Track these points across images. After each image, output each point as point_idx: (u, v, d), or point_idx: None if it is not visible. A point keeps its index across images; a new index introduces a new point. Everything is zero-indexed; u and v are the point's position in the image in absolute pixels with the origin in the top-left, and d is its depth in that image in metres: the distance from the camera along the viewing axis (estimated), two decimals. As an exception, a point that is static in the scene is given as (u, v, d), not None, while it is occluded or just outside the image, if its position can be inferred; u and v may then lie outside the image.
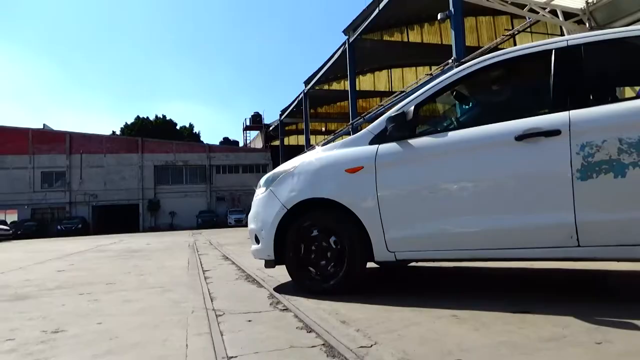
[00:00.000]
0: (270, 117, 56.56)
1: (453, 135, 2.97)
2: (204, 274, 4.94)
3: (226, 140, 62.69)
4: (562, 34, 8.02)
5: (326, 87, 33.12)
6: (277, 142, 43.88)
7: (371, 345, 2.02)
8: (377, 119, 3.41)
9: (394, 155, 3.06)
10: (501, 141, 2.75)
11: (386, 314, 2.58)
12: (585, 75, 2.77)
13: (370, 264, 3.28)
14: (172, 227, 38.88)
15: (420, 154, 2.99)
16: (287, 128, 43.38)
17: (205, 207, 42.15)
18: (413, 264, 4.53)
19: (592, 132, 2.52)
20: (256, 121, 50.85)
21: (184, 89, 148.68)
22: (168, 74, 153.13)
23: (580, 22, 7.57)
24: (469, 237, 2.82)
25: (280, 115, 40.25)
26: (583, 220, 2.51)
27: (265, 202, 3.50)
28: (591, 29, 7.33)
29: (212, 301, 3.26)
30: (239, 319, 2.65)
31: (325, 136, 35.12)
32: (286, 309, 2.84)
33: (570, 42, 2.83)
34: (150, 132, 51.24)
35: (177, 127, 60.30)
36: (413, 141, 3.03)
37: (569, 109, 2.63)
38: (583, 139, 2.53)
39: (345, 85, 28.21)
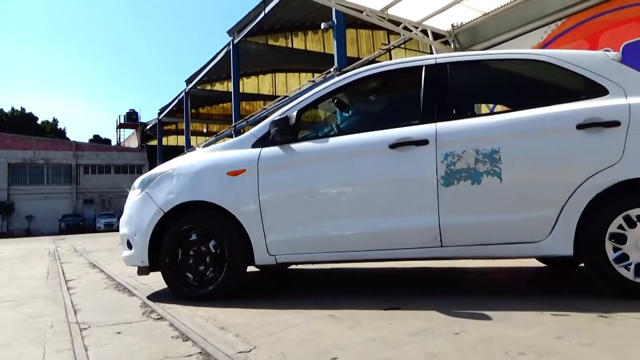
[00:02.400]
0: (148, 115, 53.60)
1: (333, 141, 3.09)
2: (66, 284, 4.48)
3: (97, 138, 58.00)
4: (431, 52, 8.78)
5: (209, 87, 32.28)
6: (154, 142, 41.53)
7: (250, 350, 2.00)
8: (260, 122, 3.41)
9: (276, 159, 3.08)
10: (377, 148, 2.93)
11: (265, 317, 2.58)
12: (450, 91, 3.05)
13: (250, 268, 3.25)
14: (29, 233, 34.72)
15: (301, 158, 3.05)
16: (165, 128, 41.30)
17: (70, 210, 38.37)
18: (293, 266, 4.60)
19: (454, 143, 2.80)
20: (131, 119, 47.64)
21: (48, 78, 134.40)
22: (28, 60, 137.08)
23: (446, 43, 8.34)
24: (347, 239, 2.95)
25: (159, 114, 38.23)
26: (445, 223, 2.77)
27: (140, 205, 3.29)
28: (455, 49, 8.12)
29: (75, 314, 2.97)
30: (107, 332, 2.45)
31: (207, 138, 34.16)
32: (160, 318, 2.70)
33: (438, 60, 3.12)
34: (5, 125, 45.23)
35: (39, 122, 54.12)
36: (295, 146, 3.09)
37: (436, 121, 2.89)
38: (447, 149, 2.80)
39: (229, 86, 27.75)
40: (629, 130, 2.62)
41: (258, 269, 4.17)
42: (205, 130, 39.00)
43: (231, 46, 23.77)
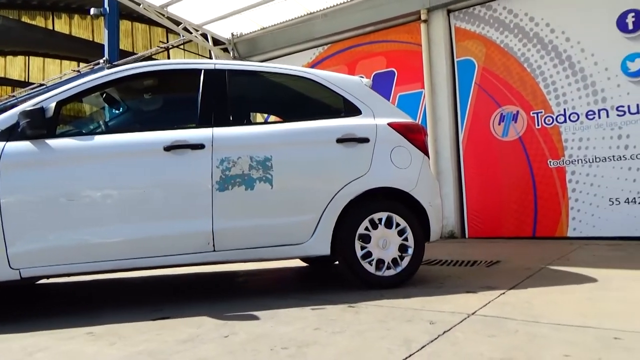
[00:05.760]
0: None
1: (100, 139, 2.81)
2: None
3: None
4: (211, 57, 8.82)
5: None
6: None
7: (-21, 386, 1.65)
8: (5, 111, 2.88)
9: (25, 156, 2.63)
10: (150, 150, 2.78)
11: (4, 344, 2.16)
12: (227, 98, 3.11)
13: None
14: None
15: (59, 156, 2.68)
16: None
17: None
18: (43, 280, 4.00)
19: (230, 149, 2.87)
20: None
21: None
22: None
23: (226, 50, 8.49)
24: (113, 247, 2.70)
25: None
26: (219, 228, 2.80)
27: None
28: (234, 58, 8.35)
29: None
30: None
31: None
32: None
33: (217, 66, 3.15)
34: None
35: None
36: (52, 142, 2.69)
37: (212, 126, 2.91)
38: (222, 154, 2.84)
39: (-36, 64, 22.64)
40: (375, 146, 3.12)
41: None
42: None
43: (-32, 15, 19.48)
